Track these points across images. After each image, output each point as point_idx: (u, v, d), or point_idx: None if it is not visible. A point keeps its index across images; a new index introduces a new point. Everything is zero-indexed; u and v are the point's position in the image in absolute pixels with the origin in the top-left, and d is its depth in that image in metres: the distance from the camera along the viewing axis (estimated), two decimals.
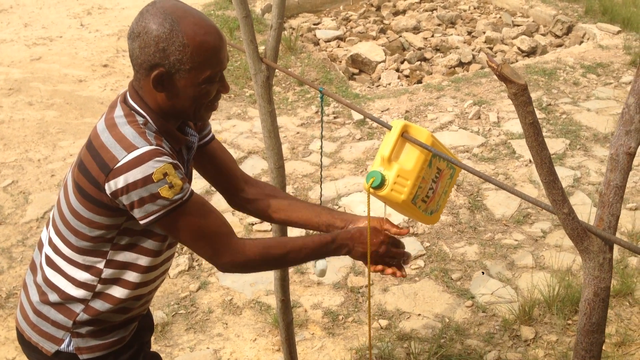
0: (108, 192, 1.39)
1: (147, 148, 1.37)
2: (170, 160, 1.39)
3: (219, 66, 1.43)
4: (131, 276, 1.55)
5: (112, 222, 1.47)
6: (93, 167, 1.40)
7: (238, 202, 1.79)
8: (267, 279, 3.27)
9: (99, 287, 1.54)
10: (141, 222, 1.41)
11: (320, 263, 1.89)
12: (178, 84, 1.41)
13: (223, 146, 1.78)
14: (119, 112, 1.45)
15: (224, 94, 1.51)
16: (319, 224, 1.70)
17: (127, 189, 1.36)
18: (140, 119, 1.44)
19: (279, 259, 1.55)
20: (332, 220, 1.69)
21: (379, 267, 1.61)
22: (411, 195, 1.58)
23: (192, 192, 1.45)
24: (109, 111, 1.48)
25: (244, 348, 2.88)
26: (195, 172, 1.78)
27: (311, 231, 2.13)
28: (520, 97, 1.08)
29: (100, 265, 1.52)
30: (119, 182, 1.36)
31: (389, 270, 1.61)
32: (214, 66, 1.42)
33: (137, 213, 1.40)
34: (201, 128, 1.69)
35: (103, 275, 1.53)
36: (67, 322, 1.56)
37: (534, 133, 1.11)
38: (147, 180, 1.36)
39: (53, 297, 1.56)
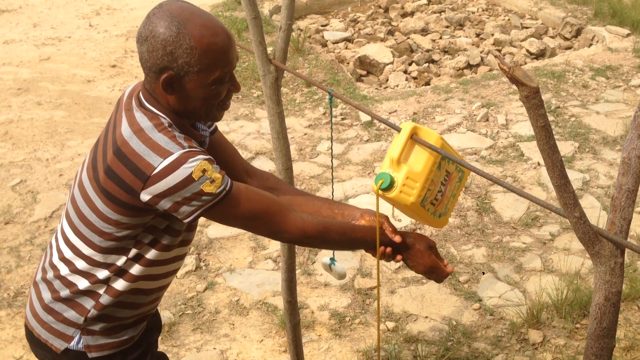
0: (145, 199, 1.39)
1: (181, 152, 1.38)
2: (205, 157, 1.40)
3: (228, 66, 1.43)
4: (143, 270, 1.55)
5: (140, 221, 1.48)
6: (126, 174, 1.40)
7: None
8: (274, 279, 3.27)
9: (112, 281, 1.55)
10: (185, 220, 1.43)
11: (339, 267, 1.89)
12: (187, 86, 1.42)
13: (225, 138, 1.78)
14: (142, 117, 1.44)
15: (235, 92, 1.51)
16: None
17: (169, 192, 1.37)
18: (165, 122, 1.45)
19: (335, 242, 1.59)
20: (340, 212, 1.70)
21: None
22: (420, 197, 1.58)
23: (232, 181, 1.46)
24: (128, 115, 1.46)
25: (250, 349, 2.88)
26: None
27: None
28: (532, 99, 1.07)
29: (120, 262, 1.53)
30: (160, 187, 1.37)
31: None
32: (223, 67, 1.42)
33: (180, 212, 1.41)
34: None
35: (121, 270, 1.54)
36: (79, 318, 1.56)
37: (545, 136, 1.10)
38: (187, 180, 1.37)
39: (65, 292, 1.56)
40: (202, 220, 1.55)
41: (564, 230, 3.61)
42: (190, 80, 1.41)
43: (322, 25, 7.13)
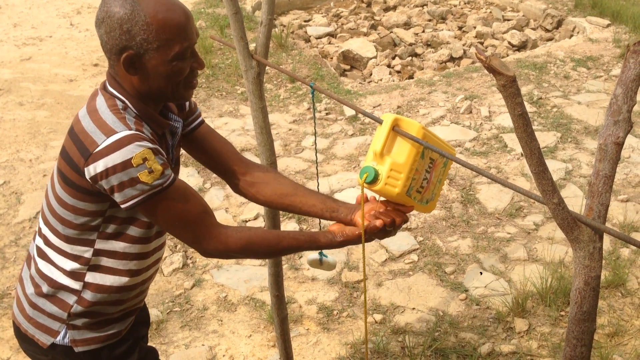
0: (87, 176, 1.39)
1: (127, 132, 1.38)
2: (151, 146, 1.39)
3: (188, 41, 1.43)
4: (121, 264, 1.55)
5: (96, 208, 1.47)
6: (74, 152, 1.41)
7: (239, 185, 1.78)
8: (262, 275, 3.28)
9: (89, 276, 1.55)
10: (122, 206, 1.41)
11: (313, 255, 1.90)
12: (149, 64, 1.42)
13: (214, 131, 1.77)
14: (100, 99, 1.47)
15: (199, 69, 1.51)
16: (323, 211, 1.69)
17: (107, 173, 1.37)
18: (120, 104, 1.45)
19: (262, 254, 1.60)
20: (336, 207, 1.68)
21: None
22: (405, 187, 1.59)
23: (175, 178, 1.45)
24: (90, 99, 1.49)
25: (239, 344, 2.89)
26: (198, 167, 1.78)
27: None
28: (509, 88, 1.09)
29: (88, 255, 1.53)
30: (98, 166, 1.37)
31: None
32: (182, 41, 1.42)
33: (117, 197, 1.40)
34: (188, 114, 1.69)
35: (92, 264, 1.54)
36: (62, 314, 1.56)
37: (523, 124, 1.12)
38: (126, 164, 1.36)
39: (45, 288, 1.57)
40: None
41: (548, 219, 3.65)
42: (150, 57, 1.41)
43: (305, 21, 7.12)
